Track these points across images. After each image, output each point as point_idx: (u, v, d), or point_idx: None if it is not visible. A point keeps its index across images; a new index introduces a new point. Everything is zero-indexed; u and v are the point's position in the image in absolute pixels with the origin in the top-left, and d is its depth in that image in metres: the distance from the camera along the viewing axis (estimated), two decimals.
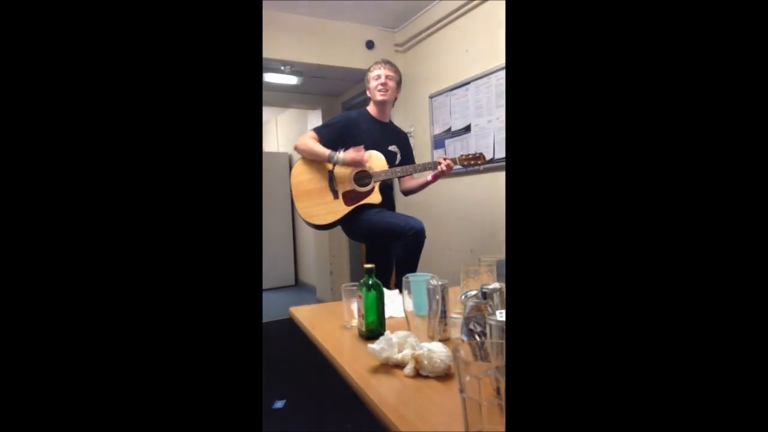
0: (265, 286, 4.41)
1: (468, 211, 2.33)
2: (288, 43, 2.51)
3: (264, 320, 2.99)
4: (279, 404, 1.82)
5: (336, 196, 1.68)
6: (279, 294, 4.28)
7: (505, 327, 0.59)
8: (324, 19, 2.59)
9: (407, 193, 1.89)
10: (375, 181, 1.70)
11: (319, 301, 3.77)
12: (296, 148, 1.71)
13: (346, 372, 0.73)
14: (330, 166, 1.68)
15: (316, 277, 3.92)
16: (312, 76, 2.89)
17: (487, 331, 0.61)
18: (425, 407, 0.60)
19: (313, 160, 1.69)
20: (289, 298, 4.14)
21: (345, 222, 1.71)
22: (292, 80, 2.93)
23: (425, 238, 1.59)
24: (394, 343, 0.73)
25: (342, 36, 2.66)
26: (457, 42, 2.36)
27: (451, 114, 2.42)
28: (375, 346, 0.73)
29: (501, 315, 0.60)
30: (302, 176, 1.71)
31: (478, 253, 2.28)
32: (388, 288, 1.67)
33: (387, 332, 0.76)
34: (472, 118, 2.27)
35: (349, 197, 1.69)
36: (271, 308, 3.65)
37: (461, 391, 0.43)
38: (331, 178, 1.68)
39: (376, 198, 1.70)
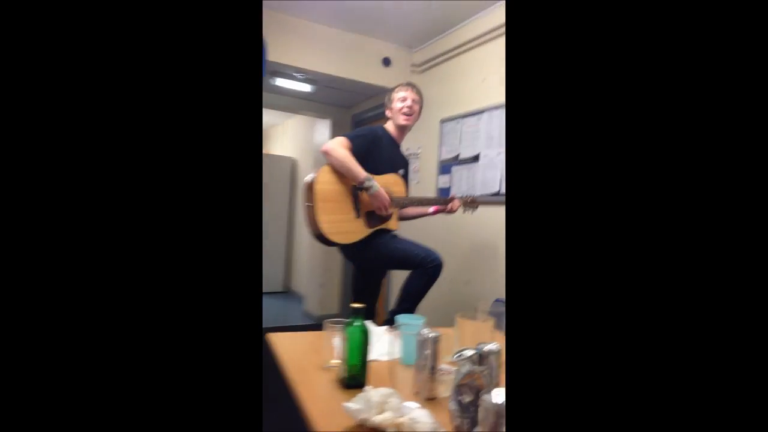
0: None
1: (466, 243, 2.26)
2: (304, 50, 2.47)
3: None
4: None
5: (358, 215, 1.56)
6: (266, 300, 4.17)
7: (501, 412, 0.52)
8: (343, 31, 2.56)
9: (402, 219, 1.82)
10: (395, 207, 1.62)
11: (306, 314, 3.68)
12: (328, 153, 1.51)
13: (316, 429, 0.65)
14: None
15: (306, 287, 3.83)
16: (325, 85, 2.85)
17: (480, 414, 0.54)
18: None
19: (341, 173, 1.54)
20: (275, 305, 4.04)
21: (360, 244, 1.56)
22: (305, 88, 2.89)
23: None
24: (373, 404, 0.65)
25: (360, 50, 2.63)
26: (475, 69, 2.32)
27: (460, 141, 2.36)
28: (352, 405, 0.65)
29: (498, 396, 0.53)
30: (328, 185, 1.53)
31: (474, 286, 2.20)
32: (372, 318, 1.59)
33: (368, 387, 0.69)
34: (481, 147, 2.21)
35: (370, 219, 1.58)
36: None
37: None
38: (356, 195, 1.57)
39: (394, 224, 1.63)
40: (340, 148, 1.52)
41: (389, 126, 1.74)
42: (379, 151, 1.62)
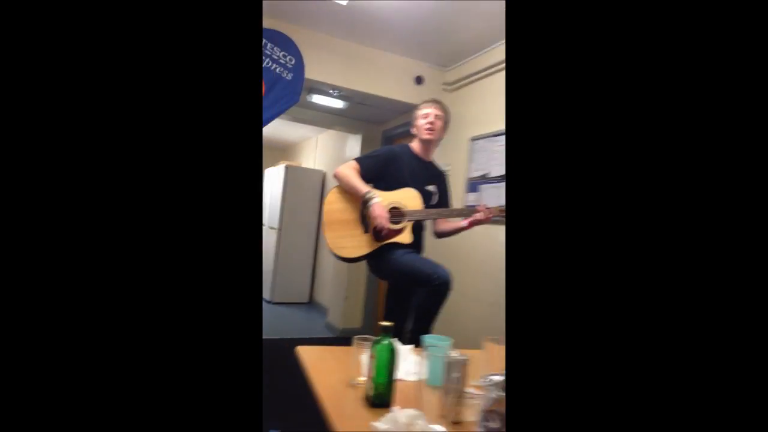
0: (277, 299, 4.39)
1: (496, 262, 2.24)
2: (339, 68, 2.55)
3: (271, 336, 2.94)
4: None
5: (366, 230, 1.63)
6: (290, 310, 4.24)
7: None
8: (378, 50, 2.63)
9: (440, 235, 1.82)
10: (407, 220, 1.64)
11: (328, 325, 3.70)
12: (336, 176, 1.68)
13: None
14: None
15: (330, 299, 3.86)
16: (358, 102, 2.92)
17: None
18: None
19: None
20: (299, 316, 4.09)
21: (371, 258, 1.65)
22: (338, 104, 2.97)
23: (450, 290, 1.51)
24: (400, 425, 0.66)
25: (393, 68, 2.68)
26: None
27: (490, 160, 2.36)
28: (380, 425, 0.66)
29: None
30: (335, 204, 1.67)
31: (499, 307, 2.17)
32: (401, 336, 1.59)
33: (394, 408, 0.70)
34: None
35: (378, 234, 1.63)
36: (279, 325, 3.61)
37: None
38: (364, 213, 1.64)
39: (406, 238, 1.64)
40: (345, 168, 1.65)
41: (414, 143, 1.78)
42: (396, 169, 1.68)
